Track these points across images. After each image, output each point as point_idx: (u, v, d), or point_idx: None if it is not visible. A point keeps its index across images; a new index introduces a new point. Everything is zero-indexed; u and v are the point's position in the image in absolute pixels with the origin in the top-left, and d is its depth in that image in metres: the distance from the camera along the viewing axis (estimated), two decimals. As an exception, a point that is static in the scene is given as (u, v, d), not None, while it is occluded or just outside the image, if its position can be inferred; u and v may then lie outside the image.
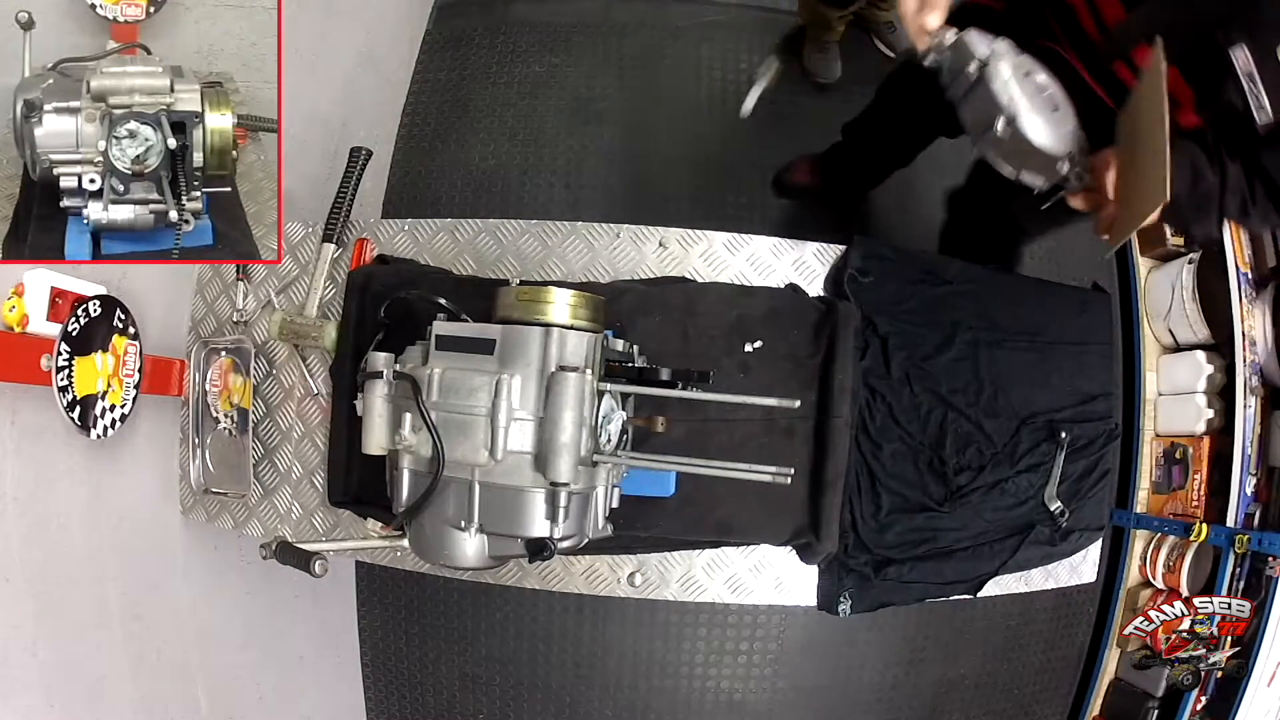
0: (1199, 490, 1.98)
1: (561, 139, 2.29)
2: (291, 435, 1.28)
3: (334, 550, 0.92)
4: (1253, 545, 1.80)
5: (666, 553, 1.18)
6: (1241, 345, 1.90)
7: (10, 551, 1.11)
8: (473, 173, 2.28)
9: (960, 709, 2.24)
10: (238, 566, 1.60)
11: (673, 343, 1.13)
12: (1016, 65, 0.92)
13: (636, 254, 1.23)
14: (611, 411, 0.93)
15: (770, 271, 1.22)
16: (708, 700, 2.12)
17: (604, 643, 2.11)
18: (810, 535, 1.13)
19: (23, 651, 1.11)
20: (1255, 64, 0.81)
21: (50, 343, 1.03)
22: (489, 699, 2.13)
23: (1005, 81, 0.90)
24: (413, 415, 0.89)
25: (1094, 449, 1.26)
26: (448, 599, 2.11)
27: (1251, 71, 0.81)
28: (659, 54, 2.31)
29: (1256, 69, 0.81)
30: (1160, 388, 2.13)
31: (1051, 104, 0.92)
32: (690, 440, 1.10)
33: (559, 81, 2.34)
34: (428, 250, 1.26)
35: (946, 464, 1.17)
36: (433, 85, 2.36)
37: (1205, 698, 1.94)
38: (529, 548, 0.87)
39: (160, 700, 1.38)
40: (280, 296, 1.29)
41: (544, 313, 0.90)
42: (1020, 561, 1.22)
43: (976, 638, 2.21)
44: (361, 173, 1.28)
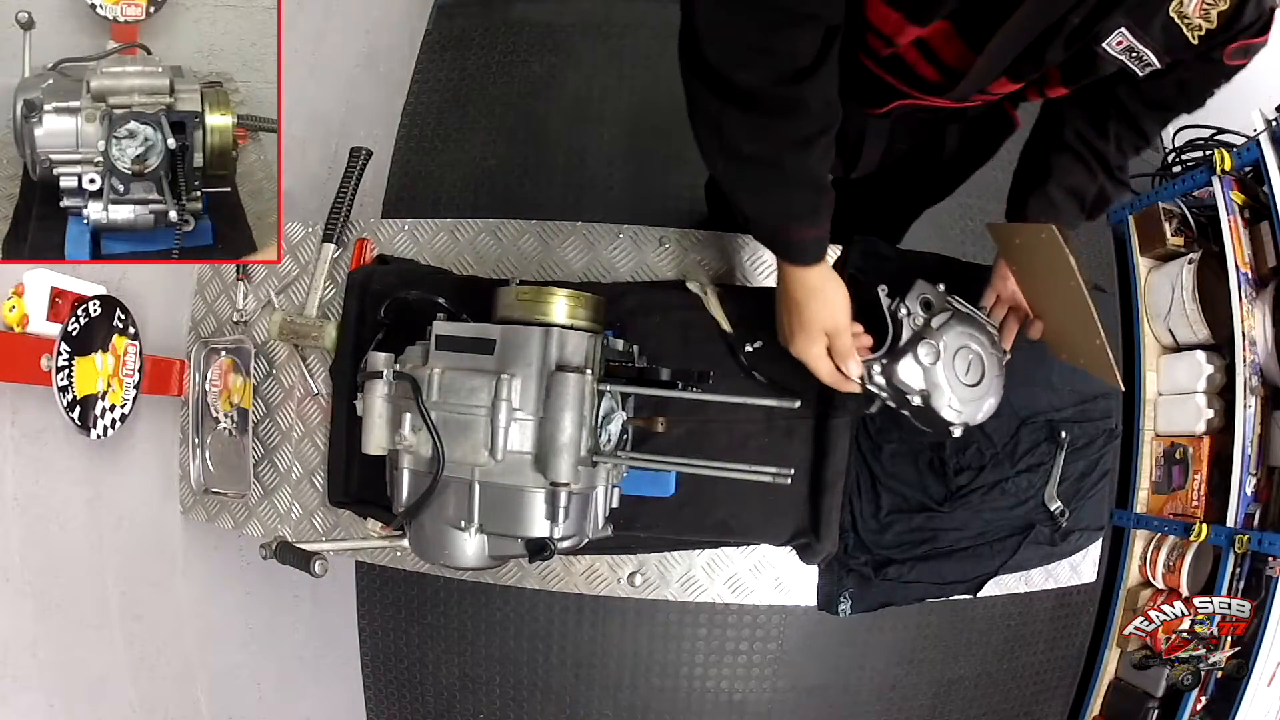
0: (1199, 490, 1.98)
1: (561, 139, 2.29)
2: (291, 435, 1.28)
3: (334, 550, 0.93)
4: (1253, 545, 1.80)
5: (666, 553, 1.18)
6: (1241, 345, 1.90)
7: (10, 551, 1.11)
8: (473, 173, 2.28)
9: (960, 709, 2.24)
10: (238, 566, 1.60)
11: (673, 343, 1.13)
12: (955, 347, 1.02)
13: (636, 254, 1.23)
14: (611, 411, 0.93)
15: (770, 271, 1.22)
16: (708, 700, 2.12)
17: (604, 643, 2.11)
18: (810, 535, 1.13)
19: (23, 651, 1.11)
20: (1136, 38, 0.76)
21: (50, 343, 1.03)
22: (489, 699, 2.13)
23: (941, 389, 1.00)
24: (413, 415, 0.89)
25: (1094, 449, 1.26)
26: (448, 599, 2.11)
27: (1131, 45, 0.77)
28: (659, 54, 2.31)
29: (1138, 40, 0.76)
30: (1160, 388, 2.13)
31: (975, 378, 1.03)
32: (690, 440, 1.10)
33: (559, 81, 2.34)
34: (428, 250, 1.26)
35: (946, 464, 1.17)
36: (433, 85, 2.36)
37: (1205, 698, 1.94)
38: (529, 548, 0.87)
39: (160, 700, 1.38)
40: (280, 296, 1.29)
41: (544, 313, 0.90)
42: (1020, 561, 1.22)
43: (976, 638, 2.21)
44: (361, 173, 1.28)
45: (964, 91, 0.90)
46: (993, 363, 1.05)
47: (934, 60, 0.87)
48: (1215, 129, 2.21)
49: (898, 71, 0.92)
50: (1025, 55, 0.81)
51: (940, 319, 1.02)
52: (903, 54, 0.88)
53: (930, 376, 1.01)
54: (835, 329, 0.92)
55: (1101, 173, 0.99)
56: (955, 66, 0.86)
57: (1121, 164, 1.00)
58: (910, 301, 1.04)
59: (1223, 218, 1.90)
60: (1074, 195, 1.00)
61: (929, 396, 1.00)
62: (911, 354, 1.01)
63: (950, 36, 0.82)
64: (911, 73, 0.91)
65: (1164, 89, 0.86)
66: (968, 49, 0.82)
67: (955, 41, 0.83)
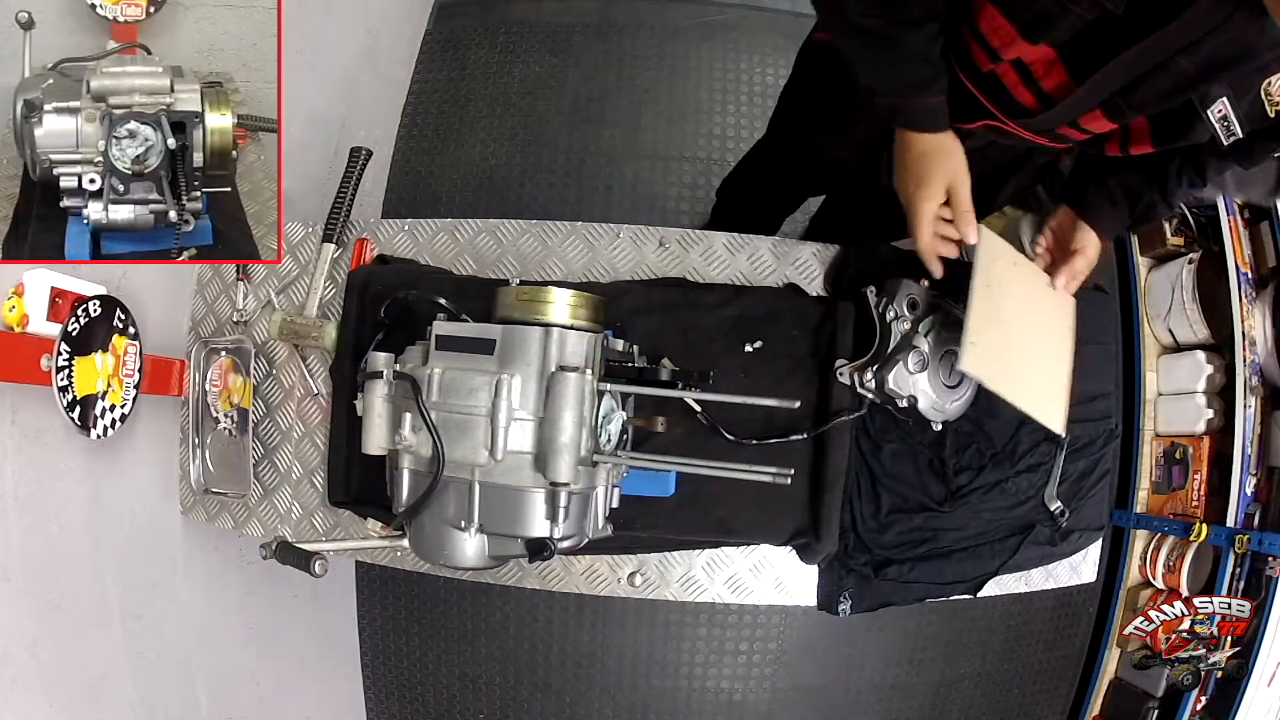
0: (1199, 490, 1.98)
1: (561, 139, 2.29)
2: (291, 435, 1.28)
3: (334, 550, 0.92)
4: (1253, 545, 1.80)
5: (666, 553, 1.18)
6: (1241, 345, 1.90)
7: (10, 551, 1.11)
8: (473, 173, 2.28)
9: (960, 709, 2.24)
10: (238, 566, 1.60)
11: (673, 343, 1.13)
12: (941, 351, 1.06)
13: (636, 254, 1.23)
14: (611, 411, 0.93)
15: (770, 271, 1.22)
16: (708, 700, 2.12)
17: (604, 642, 2.11)
18: (810, 535, 1.13)
19: (23, 651, 1.11)
20: (1233, 109, 0.80)
21: (50, 343, 1.03)
22: (489, 699, 2.13)
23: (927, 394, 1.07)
24: (413, 415, 0.89)
25: (1094, 449, 1.26)
26: (448, 599, 2.11)
27: (1227, 114, 0.81)
28: (659, 54, 2.31)
29: (1233, 111, 0.80)
30: (1160, 388, 2.13)
31: (956, 379, 1.08)
32: (690, 440, 1.10)
33: (559, 81, 2.34)
34: (428, 250, 1.26)
35: (946, 464, 1.17)
36: (433, 85, 2.36)
37: (1205, 698, 1.95)
38: (529, 548, 0.87)
39: (160, 700, 1.38)
40: (280, 296, 1.29)
41: (544, 313, 0.90)
42: (1020, 561, 1.22)
43: (976, 638, 2.21)
44: (361, 173, 1.28)
45: (1055, 119, 0.91)
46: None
47: (1033, 85, 0.90)
48: (1215, 129, 2.21)
49: (993, 92, 0.94)
50: (1126, 90, 0.83)
51: (927, 323, 1.05)
52: (1001, 75, 0.90)
53: (918, 384, 1.05)
54: (956, 184, 0.94)
55: (1157, 186, 1.01)
56: (1052, 95, 0.89)
57: (1175, 190, 1.02)
58: (898, 304, 1.05)
59: (1223, 217, 1.90)
60: (1130, 195, 1.02)
61: (915, 401, 1.05)
62: (901, 362, 1.03)
63: (1054, 64, 0.85)
64: (1008, 95, 0.93)
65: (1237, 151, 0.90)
66: (1069, 79, 0.86)
67: (1058, 69, 0.86)
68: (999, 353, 0.99)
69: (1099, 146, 0.98)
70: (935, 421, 1.09)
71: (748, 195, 1.70)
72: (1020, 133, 0.97)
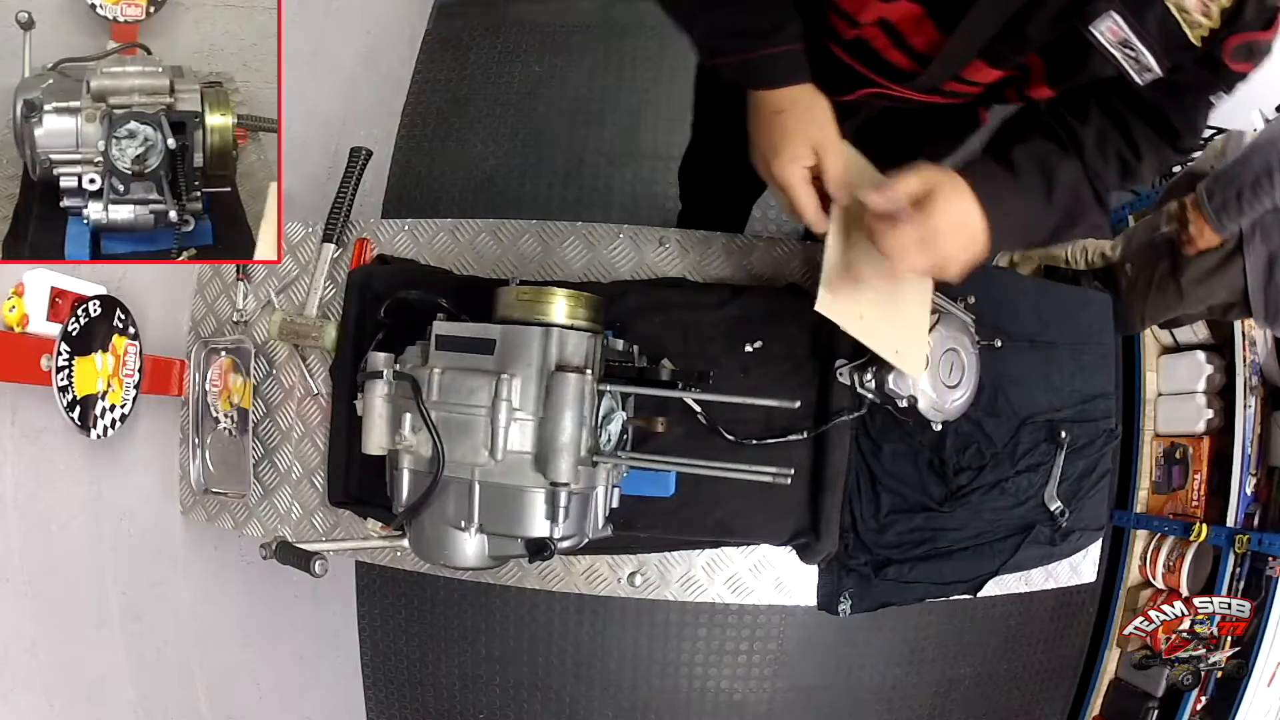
0: (1199, 490, 1.98)
1: (561, 139, 2.29)
2: (291, 435, 1.28)
3: (334, 550, 0.92)
4: (1253, 545, 1.80)
5: (666, 553, 1.18)
6: (1241, 345, 1.91)
7: (10, 551, 1.11)
8: (473, 173, 2.28)
9: (960, 709, 2.24)
10: (238, 566, 1.60)
11: (673, 343, 1.13)
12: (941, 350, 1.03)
13: (636, 254, 1.23)
14: (611, 411, 0.93)
15: (770, 271, 1.22)
16: (708, 700, 2.12)
17: (604, 643, 2.11)
18: (810, 535, 1.13)
19: (23, 651, 1.11)
20: (1131, 29, 0.67)
21: (50, 343, 1.03)
22: (489, 699, 2.13)
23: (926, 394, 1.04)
24: (413, 415, 0.89)
25: (1094, 449, 1.26)
26: (448, 599, 2.11)
27: (1127, 38, 0.68)
28: (659, 54, 2.31)
29: (1133, 33, 0.68)
30: (1160, 388, 2.13)
31: (956, 378, 1.06)
32: (690, 440, 1.10)
33: (559, 81, 2.34)
34: (428, 250, 1.26)
35: (946, 464, 1.17)
36: (433, 85, 2.36)
37: (1205, 698, 1.95)
38: (529, 548, 0.87)
39: (160, 700, 1.38)
40: (280, 296, 1.29)
41: (544, 313, 0.90)
42: (1020, 561, 1.22)
43: (976, 638, 2.22)
44: (361, 173, 1.28)
45: (935, 77, 0.83)
46: (971, 360, 1.08)
47: (903, 45, 0.82)
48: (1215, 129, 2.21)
49: (864, 57, 0.86)
50: (1004, 33, 0.74)
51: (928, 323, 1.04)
52: (868, 38, 0.83)
53: (918, 384, 1.04)
54: (823, 141, 0.79)
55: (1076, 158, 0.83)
56: (926, 52, 0.81)
57: (1103, 172, 0.84)
58: None
59: (1223, 218, 1.90)
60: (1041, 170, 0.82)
61: (915, 401, 1.04)
62: None
63: (921, 20, 0.77)
64: (880, 59, 0.85)
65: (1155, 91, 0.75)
66: (939, 33, 0.77)
67: (926, 25, 0.77)
68: (856, 294, 0.88)
69: (998, 96, 0.89)
70: (935, 421, 1.09)
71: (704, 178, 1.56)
72: (907, 94, 0.88)
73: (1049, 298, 1.30)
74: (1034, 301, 1.27)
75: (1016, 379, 1.21)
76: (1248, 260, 1.63)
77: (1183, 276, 1.71)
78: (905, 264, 0.79)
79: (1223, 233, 1.58)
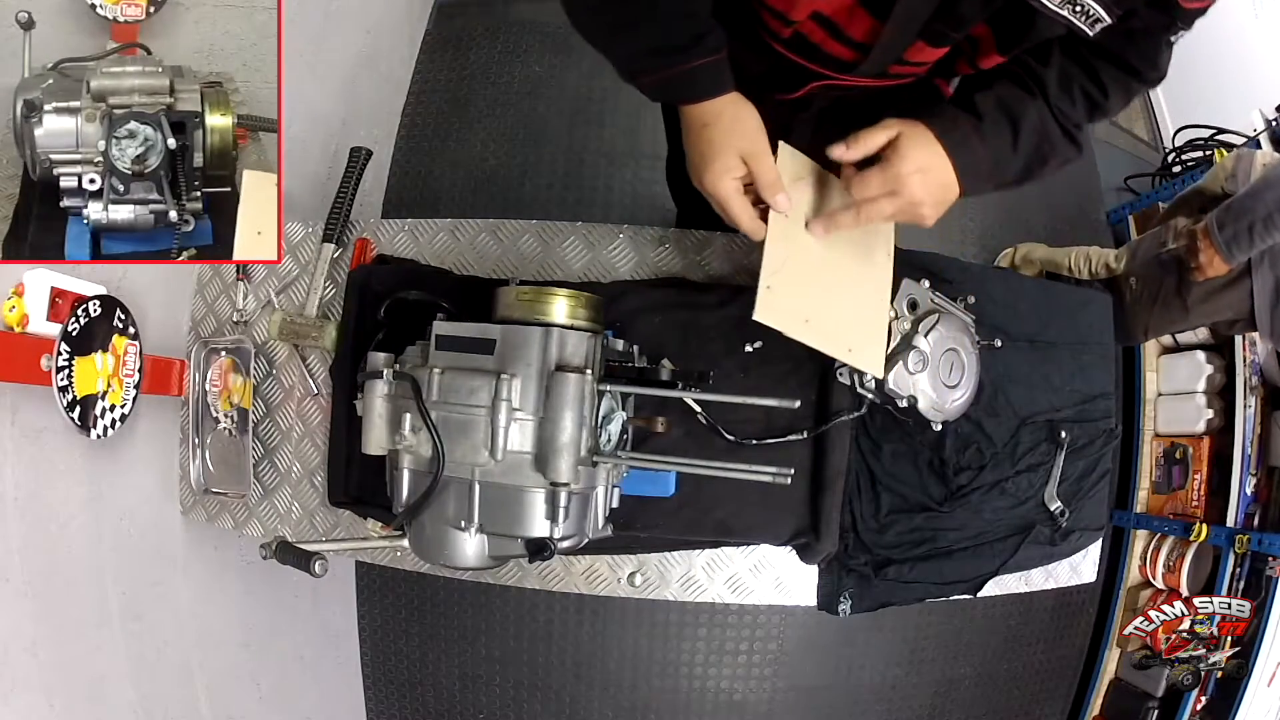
0: (1199, 490, 1.98)
1: (561, 139, 2.29)
2: (291, 435, 1.28)
3: (334, 550, 0.92)
4: (1253, 545, 1.81)
5: (666, 553, 1.18)
6: (1241, 345, 1.91)
7: (10, 551, 1.11)
8: (473, 173, 2.28)
9: (960, 709, 2.24)
10: (238, 566, 1.60)
11: (673, 343, 1.13)
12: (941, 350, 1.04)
13: (636, 254, 1.23)
14: (611, 411, 0.93)
15: (770, 271, 1.22)
16: (708, 700, 2.12)
17: (604, 643, 2.11)
18: (810, 535, 1.13)
19: (23, 651, 1.11)
20: None
21: (50, 343, 1.03)
22: (489, 699, 2.13)
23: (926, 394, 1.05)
24: (413, 415, 0.89)
25: (1094, 449, 1.26)
26: (448, 599, 2.11)
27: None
28: (659, 54, 2.31)
29: None
30: (1160, 388, 2.13)
31: (956, 378, 1.06)
32: (690, 440, 1.10)
33: (559, 81, 2.34)
34: (428, 250, 1.26)
35: (946, 464, 1.17)
36: (433, 85, 2.36)
37: (1205, 698, 1.95)
38: (529, 548, 0.87)
39: (160, 700, 1.38)
40: (280, 296, 1.29)
41: (544, 313, 0.90)
42: (1020, 561, 1.22)
43: (976, 638, 2.22)
44: (361, 173, 1.28)
45: (876, 64, 0.84)
46: (971, 360, 1.08)
47: (841, 37, 0.82)
48: (1215, 129, 2.21)
49: (805, 52, 0.86)
50: (939, 14, 0.75)
51: (927, 323, 1.05)
52: (806, 33, 0.83)
53: (918, 384, 1.04)
54: (753, 151, 0.80)
55: (1041, 99, 0.83)
56: (866, 41, 0.81)
57: (1070, 110, 0.84)
58: (898, 304, 1.05)
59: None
60: (1005, 113, 0.82)
61: (915, 401, 1.04)
62: (901, 362, 1.03)
63: (854, 10, 0.78)
64: (821, 52, 0.85)
65: (1113, 39, 0.76)
66: (875, 21, 0.77)
67: (860, 14, 0.78)
68: (801, 295, 0.86)
69: (950, 70, 0.89)
70: (935, 421, 1.09)
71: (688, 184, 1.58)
72: (855, 82, 0.88)
73: (1049, 298, 1.30)
74: (1034, 301, 1.27)
75: (1016, 379, 1.22)
76: (1255, 284, 1.63)
77: (1189, 295, 1.72)
78: (875, 211, 0.81)
79: (1232, 263, 1.58)
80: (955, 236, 2.29)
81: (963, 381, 1.09)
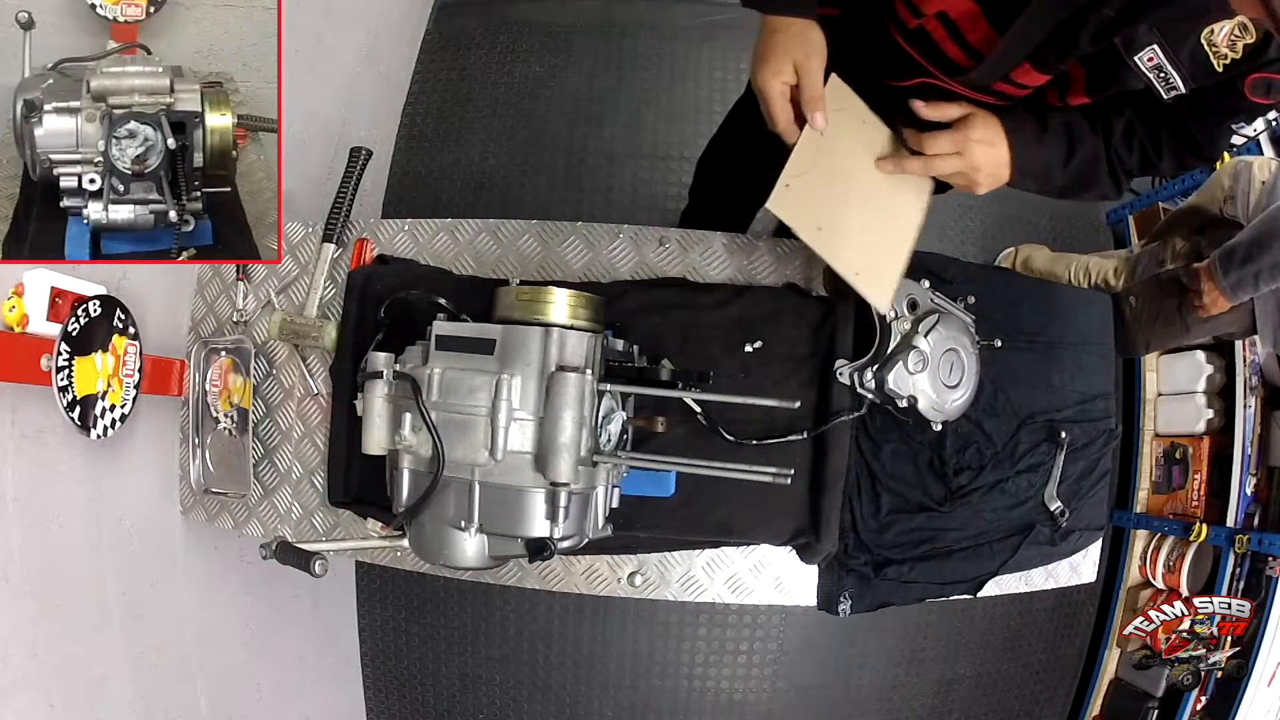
0: (1199, 490, 1.98)
1: (561, 139, 2.29)
2: (291, 435, 1.28)
3: (334, 550, 0.92)
4: (1253, 545, 1.81)
5: (666, 553, 1.18)
6: (1241, 346, 1.91)
7: (10, 551, 1.10)
8: (473, 173, 2.28)
9: (960, 709, 2.24)
10: (238, 566, 1.60)
11: (673, 343, 1.13)
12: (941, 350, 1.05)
13: (636, 254, 1.23)
14: (611, 411, 0.93)
15: (770, 271, 1.22)
16: (708, 700, 2.12)
17: (604, 643, 2.11)
18: (810, 535, 1.13)
19: (23, 652, 1.11)
20: (1166, 56, 0.78)
21: (50, 343, 1.03)
22: (489, 699, 2.13)
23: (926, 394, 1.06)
24: (413, 415, 0.89)
25: (1094, 449, 1.26)
26: (448, 599, 2.11)
27: (1161, 64, 0.79)
28: (659, 54, 2.31)
29: (1168, 60, 0.78)
30: (1160, 388, 2.13)
31: (956, 379, 1.07)
32: (690, 440, 1.10)
33: (559, 81, 2.34)
34: (428, 250, 1.26)
35: (946, 464, 1.17)
36: (433, 85, 2.36)
37: (1205, 698, 1.95)
38: (529, 548, 0.87)
39: (160, 700, 1.38)
40: (280, 296, 1.29)
41: (544, 313, 0.90)
42: (1020, 561, 1.22)
43: (976, 638, 2.22)
44: (361, 173, 1.28)
45: (985, 75, 0.91)
46: (971, 361, 1.09)
47: (960, 40, 0.89)
48: (1215, 129, 2.21)
49: (924, 48, 0.93)
50: (1050, 41, 0.82)
51: (928, 323, 1.05)
52: (929, 29, 0.90)
53: (917, 384, 1.05)
54: (806, 66, 0.86)
55: (1102, 139, 0.95)
56: (980, 49, 0.88)
57: (1124, 155, 0.95)
58: (897, 304, 1.05)
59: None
60: (1069, 133, 0.94)
61: (915, 401, 1.05)
62: (901, 362, 1.03)
63: (977, 18, 0.86)
64: (937, 50, 0.92)
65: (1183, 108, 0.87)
66: (994, 31, 0.85)
67: (982, 23, 0.86)
68: (817, 203, 0.88)
69: (1041, 101, 0.96)
70: (935, 421, 1.09)
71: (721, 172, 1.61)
72: (959, 90, 0.95)
73: (1049, 298, 1.30)
74: (1034, 301, 1.27)
75: (1016, 379, 1.22)
76: (1258, 304, 1.63)
77: (1189, 316, 1.72)
78: (941, 165, 0.92)
79: (1235, 302, 1.59)
80: (955, 236, 2.29)
81: (963, 381, 1.09)
